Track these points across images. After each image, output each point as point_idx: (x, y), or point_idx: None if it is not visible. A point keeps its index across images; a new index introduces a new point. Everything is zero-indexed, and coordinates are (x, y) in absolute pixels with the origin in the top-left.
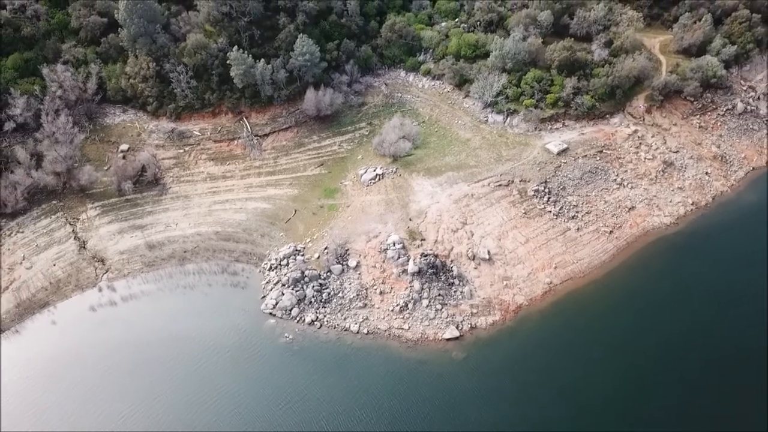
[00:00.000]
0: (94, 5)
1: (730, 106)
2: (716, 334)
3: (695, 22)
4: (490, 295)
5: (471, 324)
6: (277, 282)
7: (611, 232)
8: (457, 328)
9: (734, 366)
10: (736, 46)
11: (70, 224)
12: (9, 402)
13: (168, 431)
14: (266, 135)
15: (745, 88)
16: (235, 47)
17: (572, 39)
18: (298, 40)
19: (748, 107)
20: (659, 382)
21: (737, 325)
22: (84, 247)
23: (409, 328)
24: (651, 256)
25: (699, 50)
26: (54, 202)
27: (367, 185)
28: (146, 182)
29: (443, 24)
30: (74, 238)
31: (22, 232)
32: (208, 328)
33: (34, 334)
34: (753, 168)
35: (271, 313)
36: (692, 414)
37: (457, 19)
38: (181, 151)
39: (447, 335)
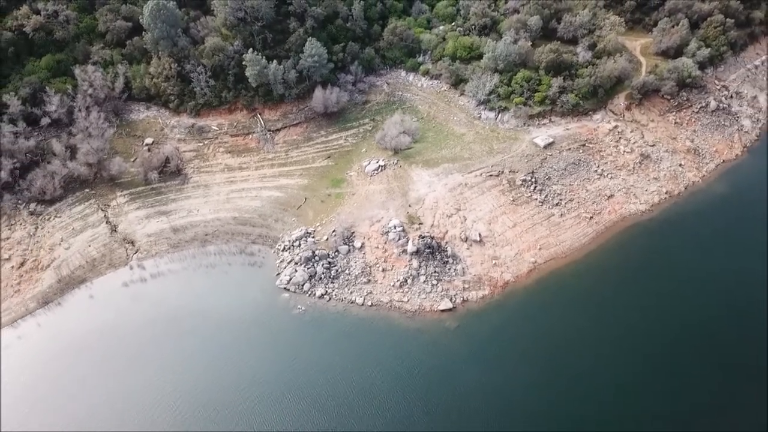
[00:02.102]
0: (119, 10)
1: (704, 104)
2: (684, 307)
3: (673, 27)
4: (481, 272)
5: (463, 297)
6: (290, 261)
7: (591, 217)
8: (450, 300)
9: (698, 331)
10: (710, 49)
11: (102, 210)
12: (52, 368)
13: (195, 393)
14: (278, 130)
15: (719, 87)
16: (250, 49)
17: (559, 42)
18: (307, 42)
19: (721, 105)
20: (632, 348)
21: (703, 299)
22: (115, 231)
23: (408, 300)
24: (627, 240)
25: (676, 52)
26: (87, 190)
27: (371, 175)
28: (169, 172)
29: (441, 28)
30: (106, 223)
31: (59, 216)
32: (229, 301)
33: (74, 307)
34: (723, 161)
35: (285, 288)
36: (659, 375)
37: (453, 23)
38: (201, 144)
39: (442, 307)
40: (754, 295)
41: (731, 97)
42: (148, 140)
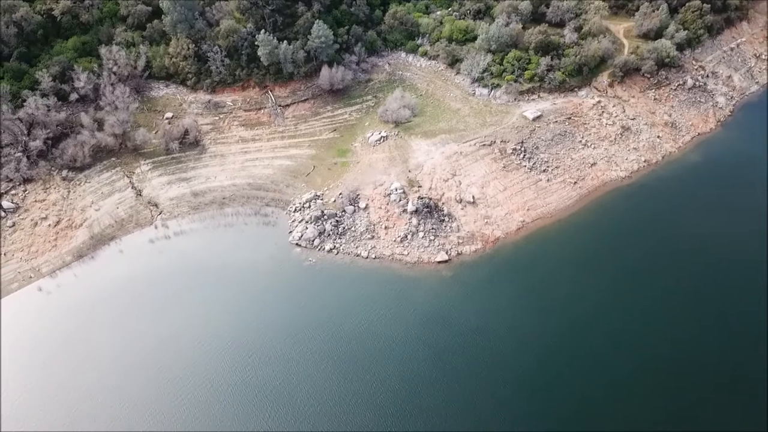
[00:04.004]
0: None
1: (681, 82)
2: (658, 258)
3: (654, 11)
4: (474, 229)
5: (458, 251)
6: (302, 220)
7: (575, 183)
8: (446, 253)
9: (669, 278)
10: (687, 32)
11: (128, 177)
12: (89, 313)
13: (217, 334)
14: (288, 105)
15: (696, 67)
16: (262, 31)
17: (547, 25)
18: (314, 25)
19: (697, 83)
20: (612, 292)
21: (676, 251)
22: (140, 195)
23: (408, 254)
24: (608, 202)
25: (656, 34)
26: (113, 159)
27: (374, 146)
28: (189, 143)
29: (438, 13)
30: (132, 188)
31: (89, 182)
32: (246, 255)
33: (106, 260)
34: (698, 134)
35: (297, 244)
36: (632, 310)
37: (450, 9)
38: (217, 118)
39: (438, 259)
40: (725, 248)
41: (707, 76)
42: (168, 114)
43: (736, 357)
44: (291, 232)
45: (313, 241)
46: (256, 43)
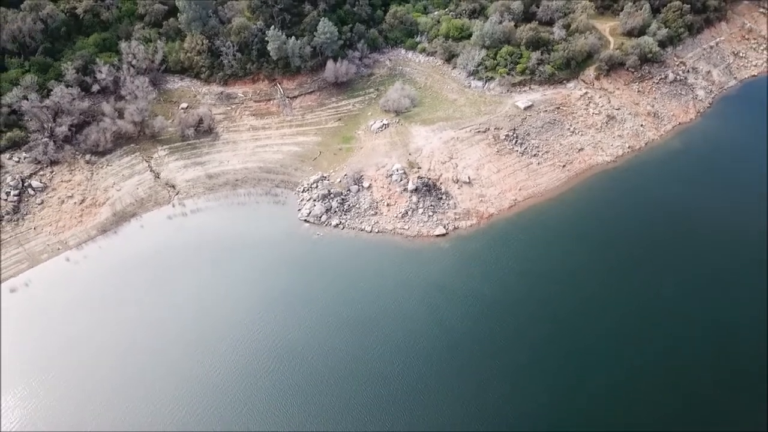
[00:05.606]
0: None
1: (663, 76)
2: (639, 231)
3: (637, 11)
4: (469, 206)
5: (454, 226)
6: (310, 198)
7: (564, 166)
8: (444, 228)
9: (645, 241)
10: (668, 30)
11: (146, 161)
12: (114, 281)
13: (232, 302)
14: (295, 97)
15: (677, 63)
16: (272, 28)
17: (538, 23)
18: (320, 22)
19: (678, 77)
20: (594, 261)
21: (653, 226)
22: (158, 177)
23: (409, 228)
24: (594, 183)
25: (639, 32)
26: (132, 145)
27: (376, 132)
28: (203, 131)
29: (436, 12)
30: (150, 171)
31: (110, 165)
32: (259, 231)
33: (128, 234)
34: (679, 123)
35: (305, 220)
36: (616, 274)
37: (447, 9)
38: (229, 108)
39: (436, 233)
40: (703, 221)
41: (688, 71)
42: (183, 105)
43: (716, 318)
44: (300, 209)
45: (320, 217)
46: (265, 39)
